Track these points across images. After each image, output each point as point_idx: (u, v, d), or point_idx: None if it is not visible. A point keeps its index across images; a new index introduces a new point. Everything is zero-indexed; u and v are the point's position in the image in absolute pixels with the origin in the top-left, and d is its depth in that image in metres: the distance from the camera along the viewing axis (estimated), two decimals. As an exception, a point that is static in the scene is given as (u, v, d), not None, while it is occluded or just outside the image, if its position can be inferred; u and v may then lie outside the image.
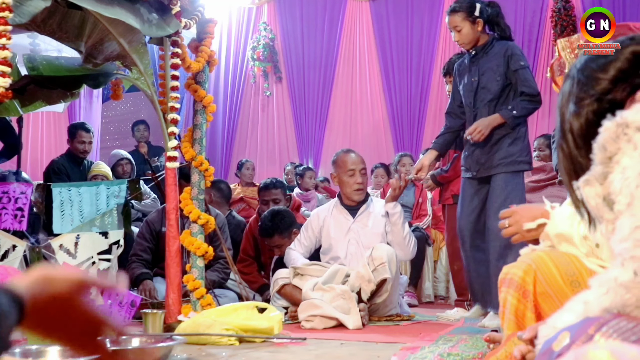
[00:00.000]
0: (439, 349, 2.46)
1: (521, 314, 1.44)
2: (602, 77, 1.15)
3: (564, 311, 1.04)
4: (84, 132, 5.28)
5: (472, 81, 3.46)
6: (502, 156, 3.34)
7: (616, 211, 1.01)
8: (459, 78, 3.58)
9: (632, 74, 1.14)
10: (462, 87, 3.54)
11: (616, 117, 1.03)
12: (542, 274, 1.43)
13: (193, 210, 3.19)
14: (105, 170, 5.21)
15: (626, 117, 1.02)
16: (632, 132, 1.01)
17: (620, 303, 0.94)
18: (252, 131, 8.44)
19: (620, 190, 1.00)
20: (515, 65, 3.35)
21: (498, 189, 3.33)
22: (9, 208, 3.15)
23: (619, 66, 1.15)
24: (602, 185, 1.04)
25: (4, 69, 2.29)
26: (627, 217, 0.98)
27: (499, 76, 3.37)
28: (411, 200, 5.50)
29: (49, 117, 7.05)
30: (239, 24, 8.49)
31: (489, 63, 3.41)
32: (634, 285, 0.94)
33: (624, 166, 1.00)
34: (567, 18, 6.66)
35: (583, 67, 1.20)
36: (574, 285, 1.42)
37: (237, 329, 2.72)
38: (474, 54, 3.48)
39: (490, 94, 3.39)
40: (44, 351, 1.93)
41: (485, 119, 3.33)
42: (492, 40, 3.45)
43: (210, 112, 3.32)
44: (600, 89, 1.14)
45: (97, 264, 3.23)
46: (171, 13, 2.98)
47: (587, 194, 1.06)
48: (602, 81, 1.15)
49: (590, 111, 1.14)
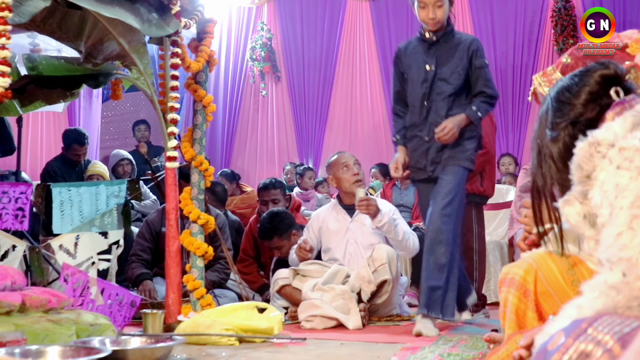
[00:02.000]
0: (439, 349, 2.45)
1: (522, 313, 1.44)
2: (575, 102, 1.23)
3: (559, 317, 1.05)
4: (78, 145, 5.30)
5: (426, 70, 3.13)
6: (458, 150, 3.08)
7: (599, 224, 1.05)
8: (405, 64, 3.21)
9: (602, 95, 1.22)
10: (413, 74, 3.18)
11: (588, 137, 1.09)
12: (543, 273, 1.43)
13: (193, 210, 3.19)
14: (101, 170, 5.21)
15: (596, 135, 1.08)
16: (604, 149, 1.06)
17: (612, 305, 0.96)
18: (252, 131, 8.44)
19: (601, 203, 1.04)
20: (479, 62, 3.10)
21: (450, 174, 3.07)
22: (10, 208, 3.15)
23: (588, 89, 1.23)
24: (581, 203, 1.10)
25: (3, 69, 2.28)
26: (609, 227, 1.01)
27: (461, 70, 3.10)
28: (411, 200, 5.49)
29: (48, 117, 7.04)
30: (239, 23, 8.49)
31: (450, 54, 3.12)
32: (623, 285, 0.96)
33: (601, 181, 1.05)
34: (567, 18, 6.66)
35: (556, 95, 1.26)
36: (575, 284, 1.42)
37: (237, 329, 2.72)
38: (434, 40, 3.15)
39: (451, 88, 3.10)
40: (44, 351, 1.93)
41: (454, 119, 3.03)
42: (453, 30, 3.17)
43: (210, 112, 3.32)
44: (574, 114, 1.21)
45: (97, 264, 3.23)
46: (171, 13, 2.98)
47: (567, 213, 1.12)
48: (575, 107, 1.22)
49: (566, 135, 1.21)
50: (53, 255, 3.31)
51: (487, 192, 3.95)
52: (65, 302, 2.47)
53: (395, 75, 3.28)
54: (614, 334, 0.82)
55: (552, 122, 1.24)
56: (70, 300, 2.62)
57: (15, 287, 2.33)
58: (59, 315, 2.37)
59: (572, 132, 1.20)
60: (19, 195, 3.16)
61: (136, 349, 2.20)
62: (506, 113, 6.80)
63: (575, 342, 0.86)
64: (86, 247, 3.25)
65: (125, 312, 3.07)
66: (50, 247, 3.32)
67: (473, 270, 3.85)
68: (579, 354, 0.85)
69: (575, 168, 1.10)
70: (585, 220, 1.09)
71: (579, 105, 1.22)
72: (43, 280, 3.41)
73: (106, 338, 2.26)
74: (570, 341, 0.88)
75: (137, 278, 3.94)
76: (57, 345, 2.02)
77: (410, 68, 3.19)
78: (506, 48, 6.94)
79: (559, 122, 1.22)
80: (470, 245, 3.86)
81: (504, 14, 7.01)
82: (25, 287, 2.42)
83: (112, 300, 3.05)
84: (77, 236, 3.28)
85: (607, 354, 0.81)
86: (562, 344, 0.89)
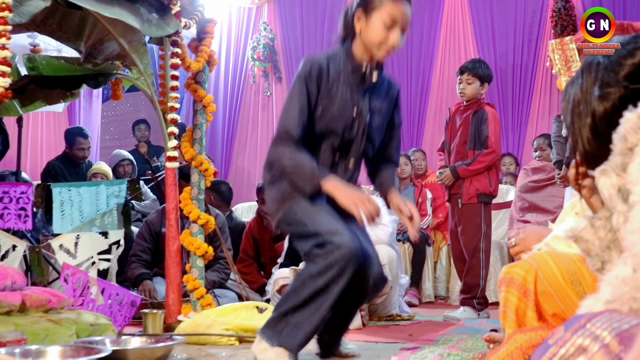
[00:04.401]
0: (439, 349, 2.46)
1: (522, 313, 1.44)
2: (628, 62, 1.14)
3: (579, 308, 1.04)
4: (82, 138, 5.29)
5: (354, 113, 2.18)
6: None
7: (631, 202, 1.00)
8: (324, 89, 2.16)
9: None
10: (333, 111, 2.16)
11: (638, 109, 1.03)
12: (543, 273, 1.43)
13: (193, 210, 3.19)
14: (105, 169, 5.22)
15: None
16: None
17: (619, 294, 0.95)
18: (253, 131, 8.43)
19: (636, 180, 0.99)
20: (399, 119, 2.37)
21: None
22: (12, 208, 3.15)
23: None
24: (618, 176, 1.03)
25: (3, 69, 2.29)
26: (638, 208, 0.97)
27: (385, 123, 2.31)
28: (411, 200, 5.50)
29: (48, 117, 7.04)
30: (239, 23, 8.49)
31: (381, 101, 2.27)
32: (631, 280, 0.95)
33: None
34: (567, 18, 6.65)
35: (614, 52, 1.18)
36: (575, 284, 1.42)
37: (237, 329, 2.72)
38: (366, 72, 2.21)
39: (376, 142, 2.30)
40: (44, 351, 1.93)
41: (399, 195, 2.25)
42: (382, 67, 2.26)
43: (210, 112, 3.32)
44: (624, 74, 1.13)
45: (97, 264, 3.23)
46: (171, 13, 2.98)
47: (602, 184, 1.05)
48: (626, 66, 1.14)
49: (617, 97, 1.12)
50: (53, 255, 3.32)
51: (495, 191, 3.97)
52: (65, 302, 2.47)
53: (302, 92, 2.13)
54: (612, 330, 0.82)
55: (602, 79, 1.15)
56: (70, 300, 2.63)
57: (15, 287, 2.33)
58: (59, 315, 2.37)
59: (623, 93, 1.12)
60: (19, 195, 3.17)
61: (136, 349, 2.20)
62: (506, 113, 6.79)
63: (573, 337, 0.86)
64: (86, 247, 3.25)
65: (125, 312, 3.07)
66: (50, 247, 3.33)
67: (480, 270, 3.84)
68: (576, 348, 0.85)
69: (618, 138, 1.03)
70: (619, 194, 1.04)
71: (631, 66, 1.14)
72: (43, 280, 3.42)
73: (106, 338, 2.26)
74: (569, 335, 0.87)
75: (137, 278, 3.94)
76: (57, 345, 2.02)
77: (330, 100, 2.16)
78: (506, 48, 6.93)
79: (609, 82, 1.14)
80: (477, 245, 3.86)
81: (504, 14, 7.00)
82: (25, 287, 2.42)
83: (112, 300, 3.05)
84: (77, 236, 3.29)
85: (604, 350, 0.80)
86: (560, 338, 0.89)
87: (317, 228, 2.02)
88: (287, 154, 2.08)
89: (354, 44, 2.19)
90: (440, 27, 7.29)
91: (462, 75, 4.00)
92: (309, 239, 2.04)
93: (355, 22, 2.15)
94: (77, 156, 5.28)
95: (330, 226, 2.02)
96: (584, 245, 1.19)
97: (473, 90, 3.95)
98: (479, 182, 3.88)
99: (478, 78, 3.95)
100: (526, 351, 1.34)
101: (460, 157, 3.97)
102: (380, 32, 2.10)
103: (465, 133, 3.96)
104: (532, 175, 5.20)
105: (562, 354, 0.86)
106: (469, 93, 3.96)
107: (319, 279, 1.97)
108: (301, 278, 2.04)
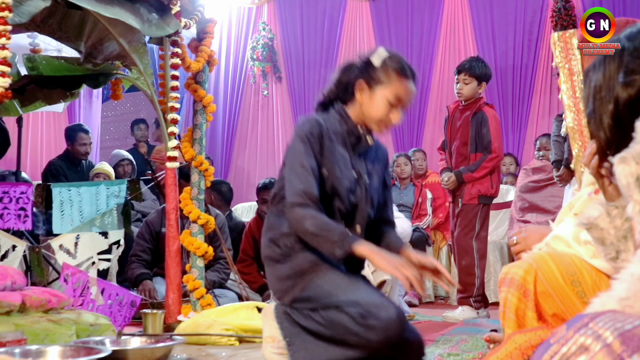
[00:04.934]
0: (439, 349, 2.46)
1: (522, 313, 1.43)
2: None
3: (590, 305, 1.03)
4: (83, 133, 5.29)
5: (355, 176, 2.08)
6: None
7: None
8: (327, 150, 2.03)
9: None
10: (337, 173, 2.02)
11: None
12: (543, 273, 1.43)
13: (193, 210, 3.19)
14: (107, 170, 5.22)
15: None
16: None
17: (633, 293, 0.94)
18: (253, 131, 8.43)
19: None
20: (389, 180, 2.30)
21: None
22: (11, 208, 3.15)
23: None
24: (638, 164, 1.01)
25: (3, 69, 2.29)
26: None
27: (380, 185, 2.21)
28: (410, 200, 5.50)
29: (48, 117, 7.03)
30: (239, 23, 8.49)
31: (376, 164, 2.20)
32: None
33: None
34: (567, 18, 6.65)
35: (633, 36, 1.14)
36: (574, 284, 1.42)
37: (237, 329, 2.72)
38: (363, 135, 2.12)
39: (375, 204, 2.17)
40: (44, 351, 1.93)
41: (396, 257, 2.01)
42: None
43: (210, 112, 3.32)
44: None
45: (97, 264, 3.23)
46: (171, 13, 2.98)
47: (621, 171, 1.02)
48: None
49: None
50: (53, 255, 3.32)
51: (496, 193, 4.00)
52: (65, 302, 2.47)
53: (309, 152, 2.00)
54: (615, 329, 0.82)
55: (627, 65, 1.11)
56: (70, 300, 2.63)
57: (15, 287, 2.33)
58: (59, 315, 2.37)
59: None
60: (19, 195, 3.17)
61: (136, 349, 2.20)
62: (506, 113, 6.78)
63: (575, 335, 0.86)
64: (86, 247, 3.26)
65: (125, 312, 3.07)
66: (50, 247, 3.33)
67: (474, 269, 3.85)
68: (578, 347, 0.84)
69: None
70: (637, 183, 1.01)
71: None
72: (43, 280, 3.42)
73: (106, 338, 2.26)
74: (571, 333, 0.87)
75: (137, 278, 3.94)
76: (57, 345, 2.03)
77: (332, 161, 2.03)
78: (506, 48, 6.93)
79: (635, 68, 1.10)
80: (469, 243, 3.88)
81: (504, 14, 6.99)
82: (25, 287, 2.43)
83: (112, 300, 3.05)
84: (77, 236, 3.29)
85: (606, 349, 0.80)
86: (562, 336, 0.89)
87: (353, 298, 1.87)
88: (309, 218, 1.90)
89: (350, 108, 2.09)
90: (440, 27, 7.29)
91: (459, 75, 3.99)
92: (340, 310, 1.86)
93: (356, 91, 2.05)
94: (79, 152, 5.27)
95: (374, 298, 1.89)
96: (598, 233, 1.17)
97: (470, 90, 3.94)
98: (480, 184, 3.91)
99: (475, 78, 3.94)
100: (525, 352, 1.33)
101: (462, 159, 3.98)
102: (384, 109, 2.02)
103: (465, 135, 3.96)
104: (532, 175, 5.20)
105: (564, 353, 0.86)
106: (466, 93, 3.95)
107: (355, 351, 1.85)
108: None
